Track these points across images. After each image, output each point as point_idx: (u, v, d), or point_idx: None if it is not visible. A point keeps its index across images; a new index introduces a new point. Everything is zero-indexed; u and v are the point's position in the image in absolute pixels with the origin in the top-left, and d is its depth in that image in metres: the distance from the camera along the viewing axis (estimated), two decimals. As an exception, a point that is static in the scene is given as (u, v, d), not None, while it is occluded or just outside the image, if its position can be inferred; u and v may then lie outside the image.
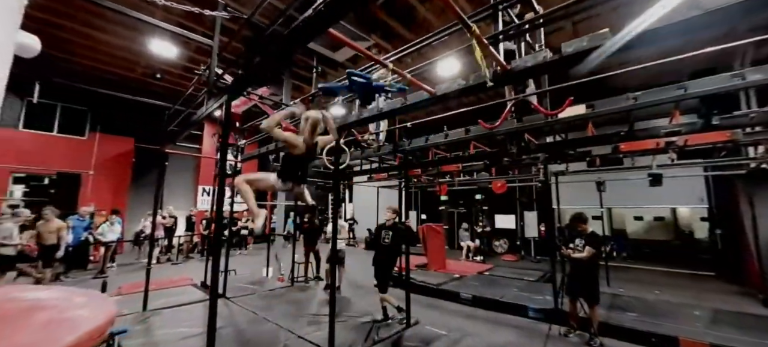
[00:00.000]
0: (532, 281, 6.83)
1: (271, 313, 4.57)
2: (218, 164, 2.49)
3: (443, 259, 8.12)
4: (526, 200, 12.56)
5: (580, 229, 4.02)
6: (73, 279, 7.15)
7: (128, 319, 4.10)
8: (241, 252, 11.77)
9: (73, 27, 7.96)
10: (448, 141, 3.77)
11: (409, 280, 4.17)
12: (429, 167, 6.02)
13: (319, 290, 6.09)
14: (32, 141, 10.46)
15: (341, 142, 4.81)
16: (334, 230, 3.36)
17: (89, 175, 11.24)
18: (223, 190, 2.30)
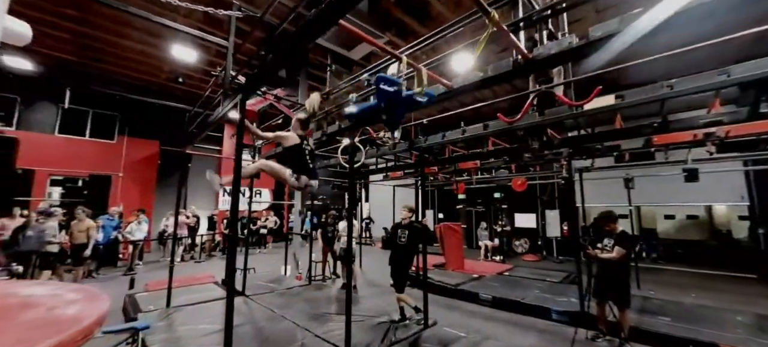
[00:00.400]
0: (555, 282, 6.57)
1: (289, 311, 4.60)
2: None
3: (461, 259, 7.95)
4: (548, 199, 12.12)
5: (609, 228, 3.80)
6: (103, 276, 7.51)
7: (153, 315, 4.23)
8: (260, 251, 12.02)
9: (104, 37, 8.36)
10: (466, 137, 3.64)
11: (427, 280, 4.07)
12: (446, 164, 5.88)
13: (335, 289, 6.09)
14: (67, 145, 11.09)
15: (356, 140, 4.79)
16: (350, 229, 3.33)
17: (118, 177, 11.80)
18: (238, 189, 2.30)
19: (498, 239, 10.74)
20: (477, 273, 7.23)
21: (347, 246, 3.39)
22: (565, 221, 11.40)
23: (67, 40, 8.50)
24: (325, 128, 3.65)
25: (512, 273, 7.58)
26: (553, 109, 2.99)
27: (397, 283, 4.38)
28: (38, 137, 10.51)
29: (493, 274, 7.27)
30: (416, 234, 4.42)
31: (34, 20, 7.66)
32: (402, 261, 4.43)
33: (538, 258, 10.97)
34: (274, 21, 4.49)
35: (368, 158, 5.53)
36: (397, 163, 5.51)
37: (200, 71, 10.02)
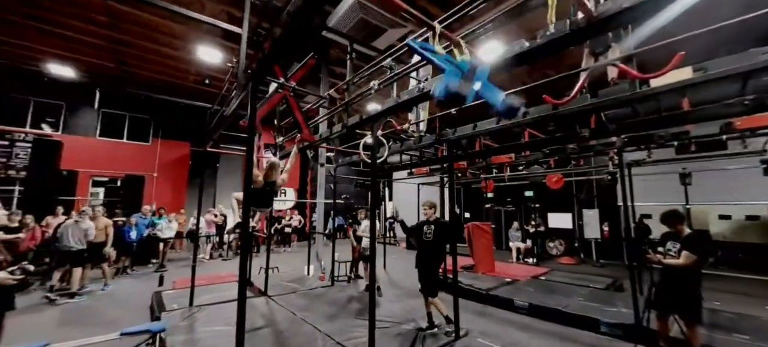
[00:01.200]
0: (599, 289, 5.93)
1: (311, 314, 4.40)
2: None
3: (492, 261, 7.45)
4: (586, 197, 11.23)
5: (676, 230, 3.25)
6: (136, 273, 7.78)
7: (176, 314, 4.19)
8: (285, 250, 12.09)
9: (134, 42, 8.67)
10: (502, 127, 3.25)
11: (458, 283, 3.71)
12: (476, 158, 5.42)
13: (358, 290, 5.85)
14: (106, 148, 11.72)
15: (379, 134, 4.50)
16: (373, 229, 3.05)
17: (153, 177, 12.33)
18: (250, 186, 2.08)
19: (530, 240, 10.06)
20: (509, 277, 6.72)
21: (370, 247, 3.12)
22: (606, 221, 10.51)
23: (102, 46, 8.90)
24: (345, 121, 3.39)
25: (548, 277, 6.98)
26: (606, 89, 2.54)
27: (427, 287, 4.05)
28: (81, 141, 11.18)
29: (528, 278, 6.72)
30: (443, 230, 4.09)
31: (71, 28, 8.10)
32: (430, 261, 4.09)
33: (575, 261, 10.16)
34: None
35: (392, 154, 5.23)
36: (422, 158, 5.15)
37: (225, 72, 10.19)
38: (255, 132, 2.20)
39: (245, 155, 2.26)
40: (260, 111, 3.31)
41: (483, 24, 2.05)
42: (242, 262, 2.13)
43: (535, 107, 3.04)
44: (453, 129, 3.93)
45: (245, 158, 2.21)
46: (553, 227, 11.80)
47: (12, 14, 7.43)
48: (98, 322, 4.60)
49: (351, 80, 3.42)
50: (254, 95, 2.21)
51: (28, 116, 10.72)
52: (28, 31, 8.10)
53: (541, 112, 2.96)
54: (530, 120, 2.91)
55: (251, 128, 2.19)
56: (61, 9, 7.32)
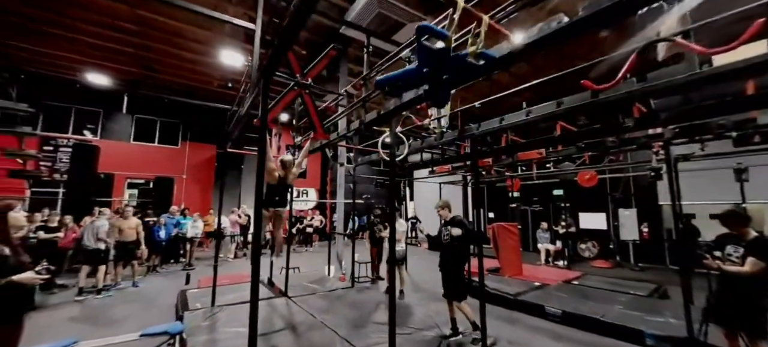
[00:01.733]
0: (641, 296, 5.43)
1: (330, 317, 4.30)
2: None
3: (519, 263, 7.07)
4: (622, 196, 10.48)
5: (739, 232, 2.84)
6: (165, 271, 8.06)
7: (198, 314, 4.22)
8: (307, 249, 12.20)
9: (161, 48, 9.01)
10: (533, 119, 2.96)
11: (485, 288, 3.46)
12: (503, 154, 5.08)
13: (381, 293, 5.71)
14: (139, 152, 12.34)
15: (398, 131, 4.33)
16: (392, 230, 2.88)
17: (182, 178, 12.85)
18: (261, 185, 1.98)
19: (561, 241, 9.50)
20: (539, 281, 6.32)
21: (390, 249, 2.95)
22: (645, 221, 9.74)
23: (131, 54, 9.31)
24: (363, 117, 3.24)
25: (582, 281, 6.51)
26: (657, 72, 2.22)
27: (451, 290, 3.85)
28: (117, 145, 11.84)
29: (559, 283, 6.29)
30: (464, 229, 3.88)
31: (104, 38, 8.53)
32: (453, 264, 3.89)
33: (611, 265, 9.49)
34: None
35: (412, 153, 5.02)
36: (444, 156, 4.91)
37: (246, 75, 10.40)
38: (267, 130, 2.09)
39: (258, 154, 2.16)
40: (274, 110, 3.23)
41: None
42: (254, 266, 2.04)
43: (570, 96, 2.75)
44: (477, 124, 3.68)
45: (258, 157, 2.10)
46: (584, 228, 11.11)
47: (54, 27, 7.94)
48: (126, 319, 4.75)
49: (368, 75, 3.27)
50: (265, 90, 2.11)
51: (70, 122, 11.49)
52: (67, 42, 8.63)
53: (576, 101, 2.66)
54: (563, 111, 2.62)
55: (263, 126, 2.09)
56: (93, 18, 7.71)
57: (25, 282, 1.87)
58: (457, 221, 3.97)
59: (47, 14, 7.45)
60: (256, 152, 5.04)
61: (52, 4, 7.13)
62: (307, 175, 15.62)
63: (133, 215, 6.34)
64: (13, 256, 1.90)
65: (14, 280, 1.83)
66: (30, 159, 5.65)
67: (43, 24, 7.76)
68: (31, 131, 5.70)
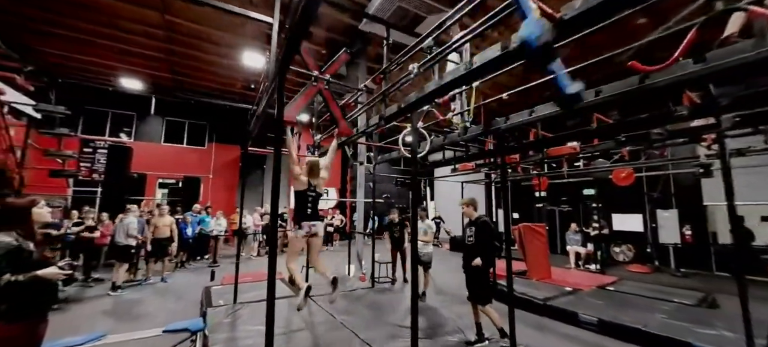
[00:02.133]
0: (688, 304, 4.96)
1: (350, 318, 4.22)
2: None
3: (547, 266, 6.69)
4: (660, 195, 9.73)
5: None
6: (192, 267, 8.33)
7: (220, 311, 4.27)
8: (327, 248, 12.25)
9: (187, 52, 9.32)
10: (565, 112, 2.72)
11: (513, 292, 3.24)
12: (532, 150, 4.75)
13: (401, 294, 5.57)
14: (170, 152, 12.90)
15: (420, 126, 4.18)
16: (414, 231, 2.73)
17: (209, 178, 13.30)
18: (277, 183, 1.91)
19: (592, 244, 8.95)
20: (570, 286, 5.95)
21: (412, 250, 2.81)
22: (687, 223, 8.98)
23: (161, 59, 9.71)
24: (382, 111, 3.12)
25: (618, 287, 6.05)
26: (720, 50, 1.93)
27: (475, 294, 3.66)
28: (148, 146, 12.43)
29: (592, 288, 5.88)
30: (484, 231, 3.69)
31: (136, 44, 8.93)
32: (475, 267, 3.69)
33: (649, 270, 8.84)
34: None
35: (434, 150, 4.82)
36: (468, 153, 4.69)
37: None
38: (284, 125, 2.01)
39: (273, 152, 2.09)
40: (295, 106, 3.18)
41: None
42: (271, 267, 1.96)
43: (610, 84, 2.48)
44: (504, 118, 3.45)
45: (274, 155, 2.03)
46: (618, 230, 10.43)
47: (92, 36, 8.42)
48: (153, 314, 4.89)
49: (388, 68, 3.14)
50: (281, 84, 2.03)
51: (107, 125, 12.19)
52: (103, 50, 9.12)
53: (618, 88, 2.39)
54: (604, 100, 2.36)
55: (279, 120, 2.01)
56: (127, 26, 8.09)
57: (48, 277, 1.89)
58: (480, 222, 3.79)
59: (85, 25, 7.89)
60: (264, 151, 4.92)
61: (89, 15, 7.54)
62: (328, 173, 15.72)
63: (167, 213, 6.58)
64: (38, 251, 1.93)
65: (39, 275, 1.85)
66: (68, 159, 5.93)
67: (81, 33, 8.24)
68: (69, 133, 6.00)
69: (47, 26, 7.87)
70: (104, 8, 7.34)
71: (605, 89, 2.44)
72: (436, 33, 2.55)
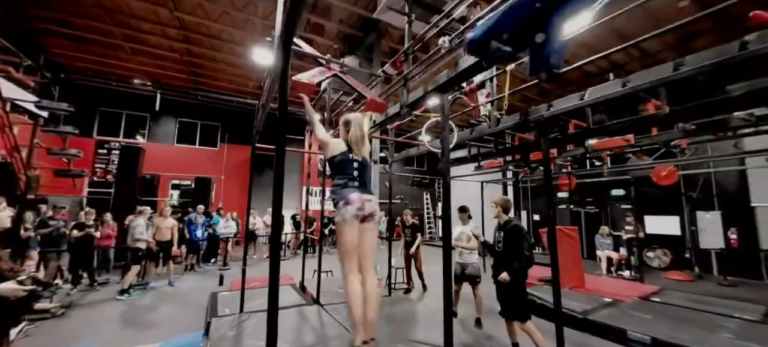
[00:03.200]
0: (751, 320, 4.31)
1: (366, 331, 3.80)
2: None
3: (580, 274, 6.10)
4: (700, 195, 8.94)
5: None
6: (201, 270, 8.10)
7: (224, 322, 3.92)
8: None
9: (202, 52, 9.20)
10: (630, 91, 2.22)
11: (561, 309, 2.76)
12: (578, 142, 4.12)
13: (420, 304, 5.12)
14: (182, 153, 12.84)
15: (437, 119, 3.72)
16: (448, 237, 2.29)
17: (221, 179, 13.19)
18: (281, 182, 1.53)
19: (625, 248, 8.26)
20: (607, 296, 5.36)
21: (444, 260, 2.37)
22: (733, 226, 8.17)
23: (177, 60, 9.62)
24: (404, 98, 2.70)
25: (663, 298, 5.41)
26: None
27: (511, 309, 3.21)
28: (161, 147, 12.39)
29: (634, 298, 5.27)
30: (512, 237, 3.29)
31: (152, 44, 8.82)
32: (518, 277, 3.25)
33: (690, 277, 8.08)
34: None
35: (459, 145, 4.35)
36: (498, 147, 4.19)
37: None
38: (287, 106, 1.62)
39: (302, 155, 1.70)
40: (310, 74, 2.73)
41: None
42: (273, 278, 1.57)
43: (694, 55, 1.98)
44: (547, 105, 2.97)
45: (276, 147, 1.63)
46: (651, 233, 9.65)
47: (112, 38, 8.35)
48: (157, 321, 4.62)
49: (410, 49, 2.72)
50: (286, 61, 1.64)
51: (121, 127, 12.22)
52: (115, 49, 9.07)
53: (707, 59, 1.89)
54: (689, 73, 1.86)
55: (283, 104, 1.61)
56: (138, 25, 7.98)
57: (5, 293, 1.54)
58: (510, 227, 3.37)
59: (99, 25, 7.81)
60: (290, 150, 4.45)
61: (103, 14, 7.44)
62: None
63: (170, 215, 6.34)
64: (-5, 263, 1.60)
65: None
66: (74, 158, 5.76)
67: (96, 33, 8.18)
68: (73, 130, 5.83)
69: (61, 27, 7.82)
70: (120, 6, 7.22)
71: (689, 60, 1.94)
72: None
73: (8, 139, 4.70)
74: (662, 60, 2.01)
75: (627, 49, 2.42)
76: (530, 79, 3.26)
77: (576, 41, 3.60)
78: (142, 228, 5.66)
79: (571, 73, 8.49)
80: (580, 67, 2.74)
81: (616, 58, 8.03)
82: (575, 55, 5.17)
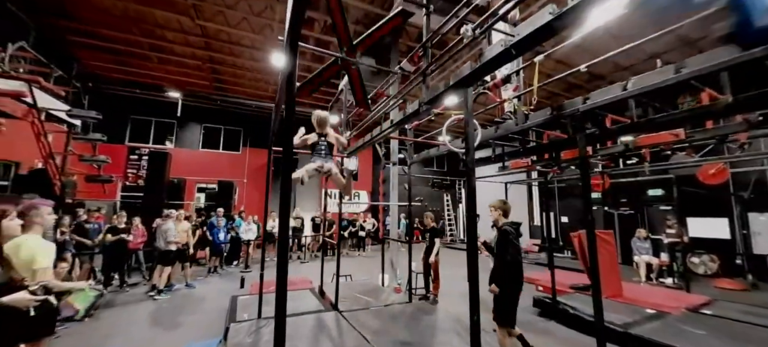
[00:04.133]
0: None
1: (384, 341, 3.63)
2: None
3: (618, 281, 5.63)
4: (753, 195, 8.09)
5: None
6: (224, 272, 8.24)
7: (242, 328, 3.89)
8: (359, 254, 11.81)
9: (223, 58, 9.41)
10: (685, 78, 1.92)
11: (603, 321, 2.46)
12: (615, 137, 3.71)
13: (444, 313, 4.88)
14: (207, 158, 13.24)
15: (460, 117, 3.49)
16: (472, 236, 2.08)
17: (243, 182, 13.47)
18: (288, 183, 1.40)
19: (668, 253, 7.59)
20: (650, 306, 4.89)
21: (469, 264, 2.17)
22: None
23: (200, 67, 9.91)
24: (423, 95, 2.51)
25: (716, 310, 4.86)
26: None
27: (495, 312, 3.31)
28: (187, 153, 12.84)
29: (681, 310, 4.77)
30: (501, 242, 3.26)
31: (177, 53, 9.12)
32: (497, 280, 3.29)
33: (743, 286, 7.30)
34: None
35: (480, 147, 4.09)
36: (526, 146, 3.89)
37: (300, 79, 10.46)
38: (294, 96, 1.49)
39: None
40: (311, 84, 2.62)
41: None
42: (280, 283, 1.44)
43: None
44: (582, 98, 2.67)
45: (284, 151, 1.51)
46: (695, 236, 8.84)
47: (139, 48, 8.73)
48: (182, 324, 4.67)
49: (428, 42, 2.53)
50: (293, 61, 1.52)
51: (150, 133, 12.77)
52: (149, 61, 9.48)
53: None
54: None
55: (290, 104, 1.49)
56: (167, 36, 8.28)
57: (15, 304, 1.50)
58: (500, 230, 3.28)
59: (127, 36, 8.15)
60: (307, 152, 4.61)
61: (130, 26, 7.76)
62: (359, 177, 15.38)
63: (185, 218, 6.51)
64: (4, 273, 1.56)
65: (3, 303, 1.47)
66: (103, 164, 5.99)
67: (125, 44, 8.56)
68: (101, 137, 6.06)
69: (92, 39, 8.25)
70: (145, 17, 7.51)
71: (762, 38, 1.63)
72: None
73: (44, 146, 4.92)
74: (703, 49, 1.73)
75: (662, 37, 2.12)
76: (558, 72, 2.97)
77: (607, 32, 3.25)
78: (174, 231, 5.84)
79: (600, 67, 7.94)
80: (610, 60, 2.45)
81: (650, 48, 7.40)
82: (606, 47, 4.75)
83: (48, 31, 7.51)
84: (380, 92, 3.47)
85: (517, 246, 3.17)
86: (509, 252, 3.14)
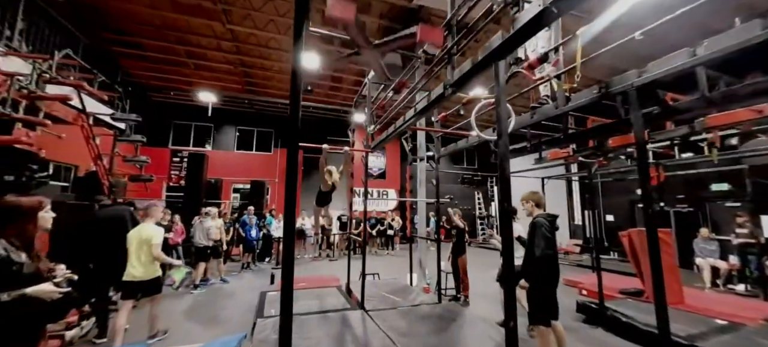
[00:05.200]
0: None
1: (412, 342, 3.45)
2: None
3: (678, 287, 4.96)
4: None
5: None
6: (256, 268, 8.49)
7: (268, 323, 3.88)
8: (388, 253, 11.68)
9: (253, 61, 9.72)
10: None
11: (669, 333, 2.10)
12: (678, 117, 3.15)
13: (475, 316, 4.59)
14: (241, 159, 13.81)
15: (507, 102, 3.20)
16: (507, 233, 1.84)
17: (275, 182, 13.89)
18: (294, 182, 1.29)
19: (738, 256, 6.64)
20: (721, 316, 4.24)
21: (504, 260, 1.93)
22: None
23: (232, 71, 10.32)
24: (449, 77, 2.29)
25: (806, 323, 4.10)
26: None
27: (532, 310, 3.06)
28: (223, 154, 13.49)
29: (759, 322, 4.08)
30: (531, 235, 3.06)
31: (210, 59, 9.55)
32: (528, 277, 3.12)
33: (838, 295, 6.17)
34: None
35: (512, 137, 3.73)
36: (567, 133, 3.48)
37: (323, 78, 10.60)
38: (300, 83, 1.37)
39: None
40: None
41: None
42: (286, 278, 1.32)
43: None
44: (637, 71, 2.28)
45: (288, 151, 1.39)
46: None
47: (175, 55, 9.28)
48: (212, 317, 4.80)
49: (453, 19, 2.30)
50: (299, 33, 1.40)
51: (191, 137, 13.56)
52: (186, 68, 10.04)
53: None
54: None
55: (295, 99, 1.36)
56: (201, 42, 8.69)
57: (40, 295, 1.52)
58: (531, 223, 3.05)
59: (165, 44, 8.67)
60: (335, 150, 4.77)
61: (167, 34, 8.24)
62: (387, 175, 15.27)
63: (219, 216, 6.76)
64: (31, 264, 1.58)
65: (27, 294, 1.48)
66: (144, 164, 6.37)
67: (165, 53, 9.12)
68: (141, 139, 6.45)
69: (134, 49, 8.88)
70: (180, 25, 7.93)
71: None
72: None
73: (92, 148, 5.28)
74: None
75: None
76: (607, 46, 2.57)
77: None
78: (214, 229, 6.12)
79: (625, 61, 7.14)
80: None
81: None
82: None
83: (97, 42, 8.18)
84: (403, 80, 3.28)
85: (550, 239, 2.87)
86: (539, 245, 2.86)
